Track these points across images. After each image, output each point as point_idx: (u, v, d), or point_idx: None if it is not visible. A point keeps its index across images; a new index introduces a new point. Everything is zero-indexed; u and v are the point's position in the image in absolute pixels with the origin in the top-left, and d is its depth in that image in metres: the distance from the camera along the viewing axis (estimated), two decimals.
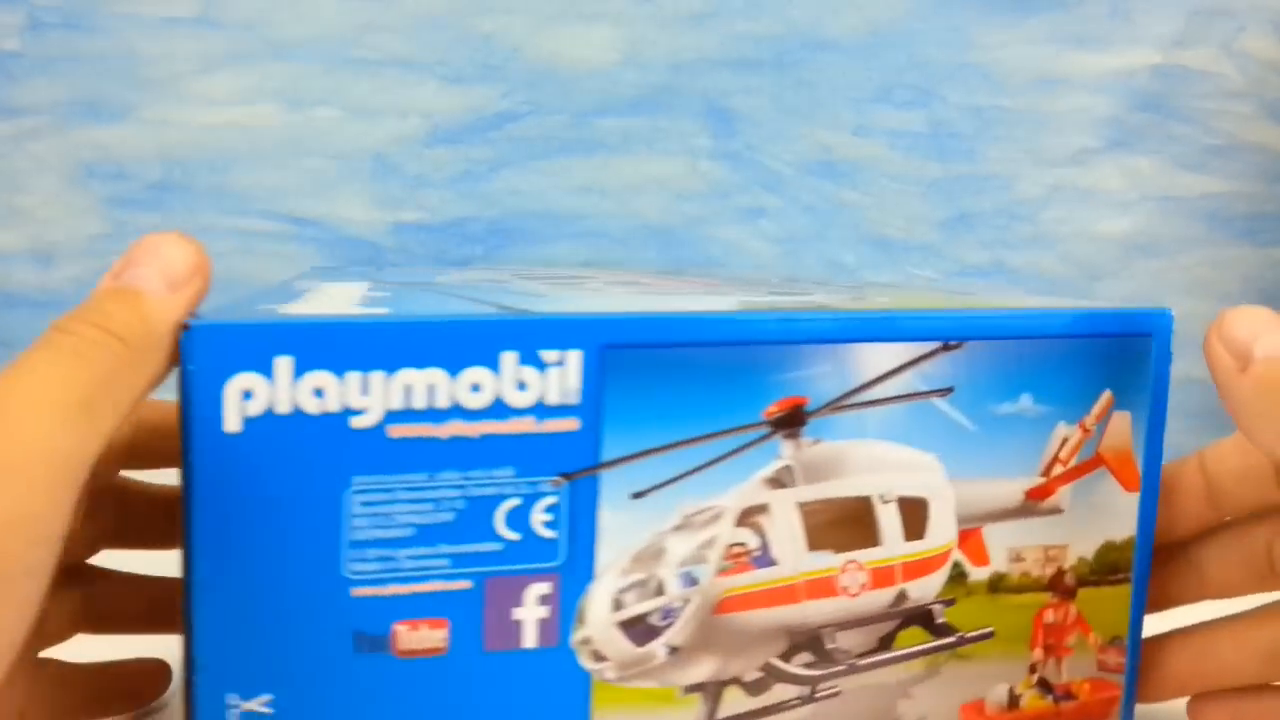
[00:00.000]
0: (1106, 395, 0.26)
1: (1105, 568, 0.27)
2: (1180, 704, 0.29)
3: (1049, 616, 0.27)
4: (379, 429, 0.22)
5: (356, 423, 0.21)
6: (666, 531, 0.24)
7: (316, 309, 0.24)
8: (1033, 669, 0.27)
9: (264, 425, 0.21)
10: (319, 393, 0.21)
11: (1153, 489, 0.27)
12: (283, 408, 0.21)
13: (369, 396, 0.21)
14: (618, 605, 0.23)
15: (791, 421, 0.24)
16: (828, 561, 0.25)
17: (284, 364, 0.21)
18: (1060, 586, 0.27)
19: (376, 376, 0.21)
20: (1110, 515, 0.27)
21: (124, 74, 0.57)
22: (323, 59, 0.56)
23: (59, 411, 0.18)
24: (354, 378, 0.21)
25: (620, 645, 0.23)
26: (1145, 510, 0.27)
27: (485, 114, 0.57)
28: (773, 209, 0.59)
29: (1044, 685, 0.27)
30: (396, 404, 0.22)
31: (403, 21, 0.56)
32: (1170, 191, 0.58)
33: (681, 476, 0.23)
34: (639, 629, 0.23)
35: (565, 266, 0.54)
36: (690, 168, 0.58)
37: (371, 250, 0.59)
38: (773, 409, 0.24)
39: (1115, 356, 0.27)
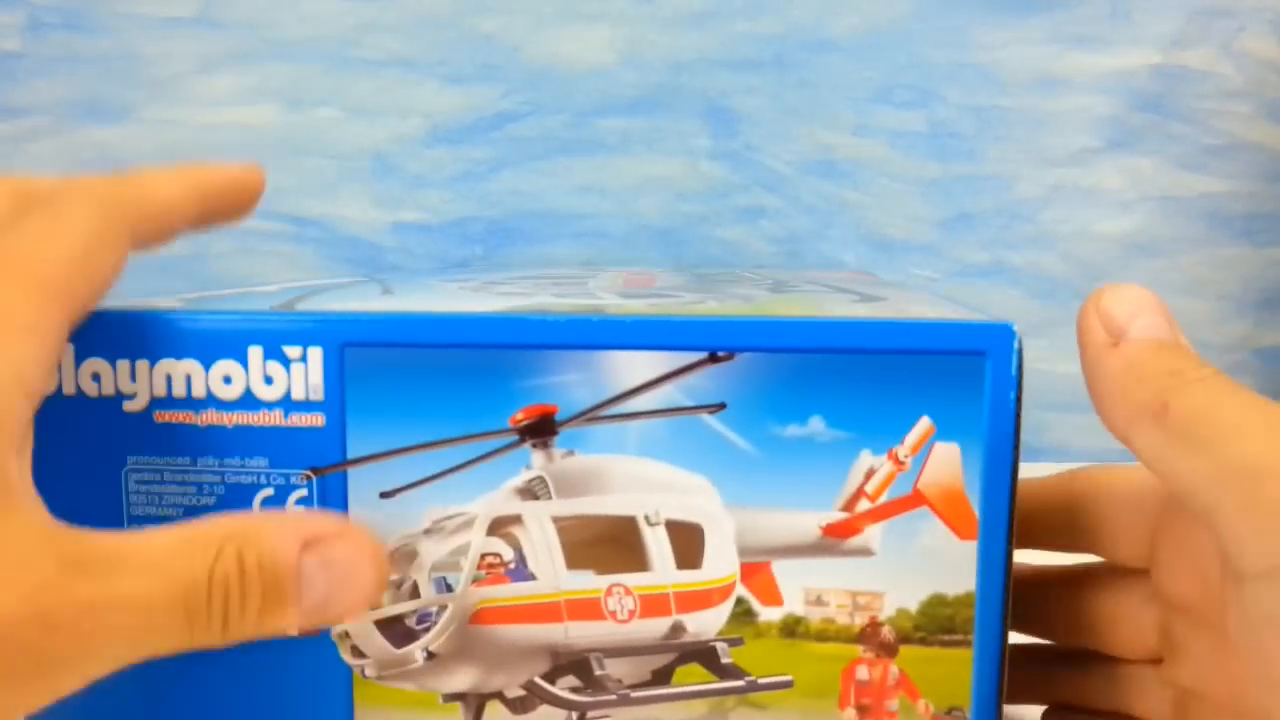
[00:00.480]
0: (924, 423, 0.23)
1: (935, 625, 0.23)
2: None
3: (861, 673, 0.24)
4: (147, 413, 0.23)
5: (128, 407, 0.23)
6: (418, 534, 0.23)
7: (125, 303, 0.25)
8: None
9: (53, 406, 0.23)
10: (96, 378, 0.23)
11: (997, 537, 0.23)
12: (68, 389, 0.23)
13: (136, 383, 0.23)
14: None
15: (540, 430, 0.23)
16: (590, 582, 0.23)
17: (67, 350, 0.23)
18: (875, 640, 0.23)
19: (142, 365, 0.23)
20: (938, 564, 0.23)
21: (124, 74, 0.57)
22: (323, 59, 0.56)
23: None
24: (124, 365, 0.23)
25: (378, 644, 0.23)
26: (989, 562, 0.23)
27: (485, 114, 0.57)
28: (773, 209, 0.59)
29: None
30: (160, 391, 0.23)
31: (403, 21, 0.56)
32: (1170, 191, 0.58)
33: (429, 479, 0.23)
34: (396, 630, 0.23)
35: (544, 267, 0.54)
36: (690, 168, 0.58)
37: (371, 250, 0.59)
38: (519, 416, 0.23)
39: (937, 377, 0.23)
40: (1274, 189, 0.58)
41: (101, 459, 0.23)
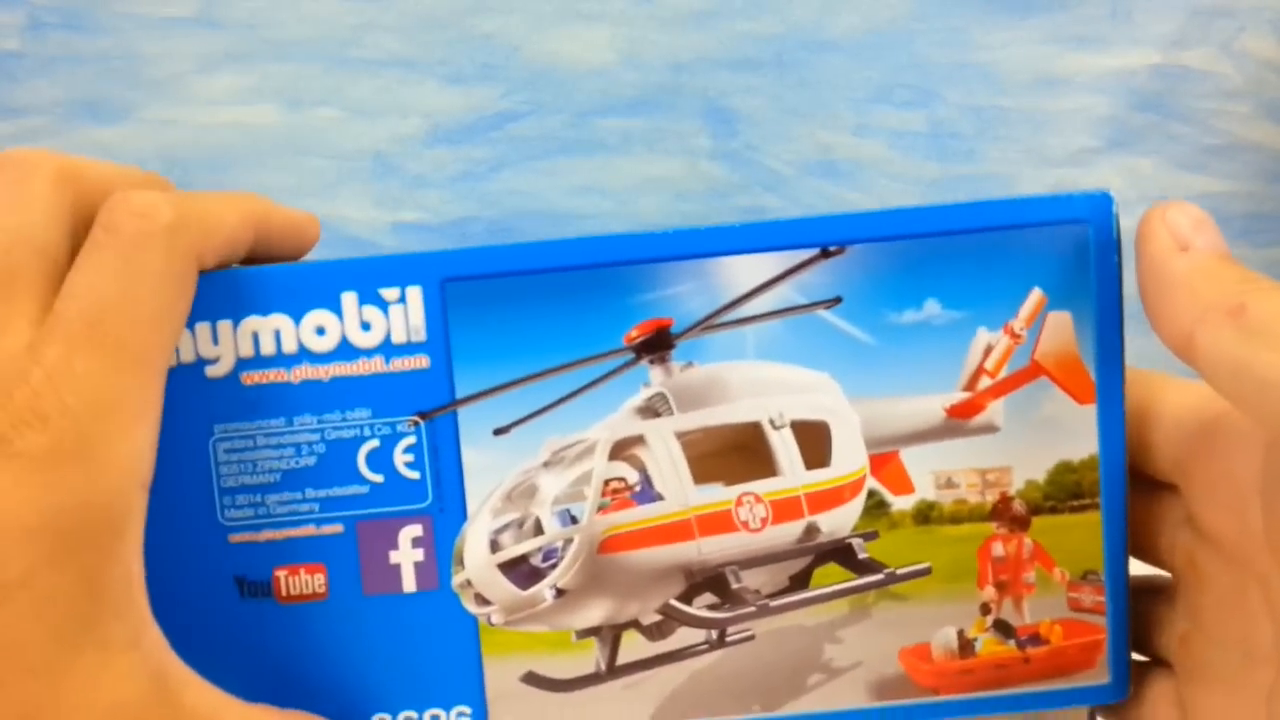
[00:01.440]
0: (1036, 294, 0.23)
1: (1063, 492, 0.23)
2: None
3: (997, 550, 0.24)
4: (233, 377, 0.22)
5: (211, 372, 0.22)
6: (536, 468, 0.23)
7: None
8: (985, 610, 0.24)
9: None
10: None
11: (1114, 399, 0.23)
12: None
13: (219, 346, 0.22)
14: (495, 546, 0.23)
15: (657, 345, 0.23)
16: (719, 495, 0.23)
17: None
18: (1007, 515, 0.24)
19: (224, 326, 0.22)
20: (1061, 432, 0.23)
21: (124, 74, 0.57)
22: (323, 59, 0.56)
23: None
24: (203, 329, 0.22)
25: (503, 588, 0.23)
26: (1108, 424, 0.23)
27: (485, 114, 0.57)
28: (773, 209, 0.59)
29: (1002, 628, 0.24)
30: (246, 351, 0.22)
31: (403, 21, 0.56)
32: (1170, 191, 0.58)
33: (544, 410, 0.23)
34: (521, 571, 0.23)
35: None
36: (690, 168, 0.58)
37: (372, 250, 0.59)
38: (634, 333, 0.23)
39: (1043, 250, 0.23)
40: (1274, 189, 0.58)
41: (185, 431, 0.22)
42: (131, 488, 0.18)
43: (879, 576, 0.23)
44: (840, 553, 0.23)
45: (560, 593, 0.23)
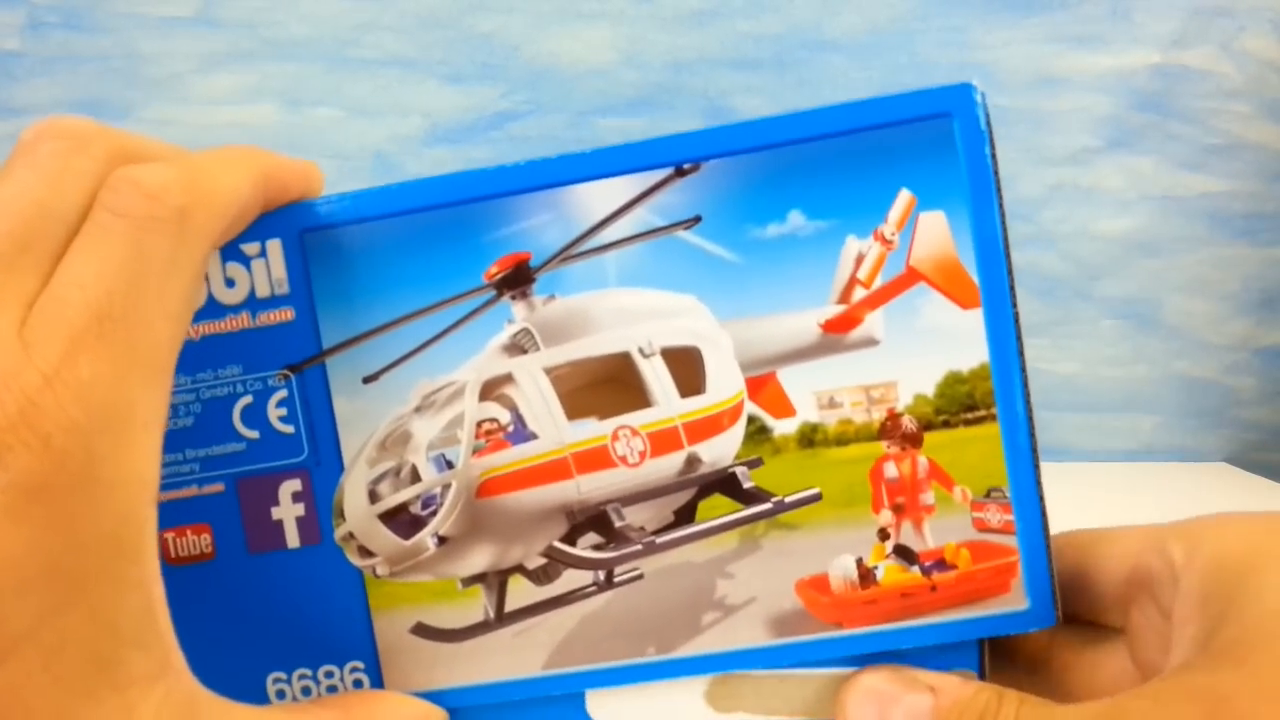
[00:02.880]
0: (905, 196, 0.22)
1: (956, 405, 0.22)
2: None
3: (890, 470, 0.22)
4: None
5: None
6: (408, 414, 0.22)
7: None
8: (884, 535, 0.22)
9: None
10: None
11: (1000, 301, 0.22)
12: None
13: None
14: (374, 497, 0.22)
15: (516, 280, 0.22)
16: (594, 430, 0.22)
17: None
18: (897, 433, 0.22)
19: None
20: (948, 340, 0.22)
21: (124, 74, 0.57)
22: (323, 59, 0.56)
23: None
24: None
25: (386, 539, 0.22)
26: (997, 328, 0.21)
27: (485, 113, 0.57)
28: None
29: (904, 554, 0.22)
30: None
31: (403, 21, 0.56)
32: (1170, 191, 0.58)
33: (411, 354, 0.22)
34: (402, 520, 0.22)
35: None
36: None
37: None
38: (493, 269, 0.22)
39: (908, 149, 0.22)
40: (1274, 189, 0.58)
41: None
42: (143, 506, 0.16)
43: (767, 506, 0.22)
44: (725, 483, 0.22)
45: (442, 540, 0.22)
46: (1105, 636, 0.23)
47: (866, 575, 0.22)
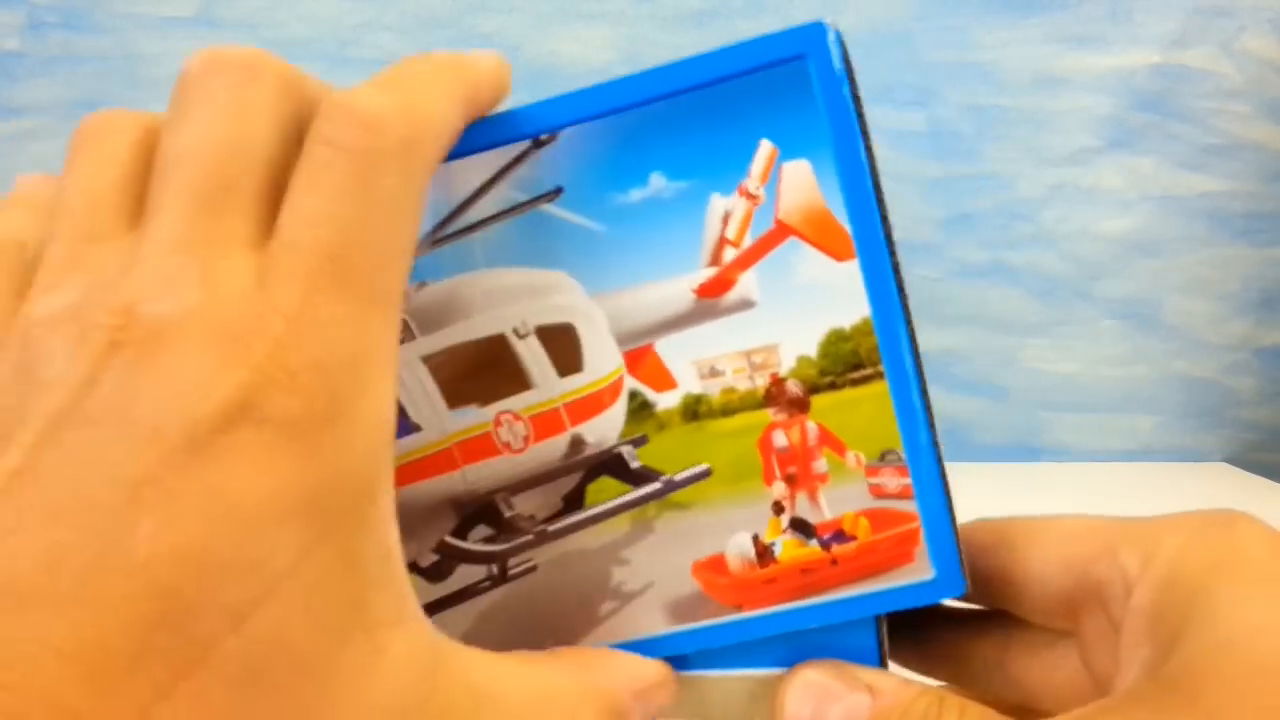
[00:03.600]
0: (765, 147, 0.20)
1: (840, 364, 0.20)
2: None
3: (779, 439, 0.21)
4: None
5: None
6: None
7: None
8: (778, 508, 0.21)
9: None
10: None
11: (875, 249, 0.20)
12: None
13: None
14: None
15: None
16: (476, 417, 0.21)
17: None
18: (783, 399, 0.20)
19: None
20: (826, 296, 0.20)
21: (124, 74, 0.57)
22: (323, 59, 0.56)
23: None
24: None
25: None
26: (876, 279, 0.20)
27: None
28: None
29: (801, 527, 0.21)
30: None
31: (402, 21, 0.56)
32: (1170, 191, 0.58)
33: None
34: None
35: None
36: None
37: None
38: None
39: (763, 97, 0.21)
40: (1274, 189, 0.58)
41: None
42: (383, 446, 0.16)
43: (656, 485, 0.21)
44: (611, 464, 0.21)
45: None
46: (1060, 639, 0.22)
47: (764, 553, 0.21)
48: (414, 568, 0.22)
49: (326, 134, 0.16)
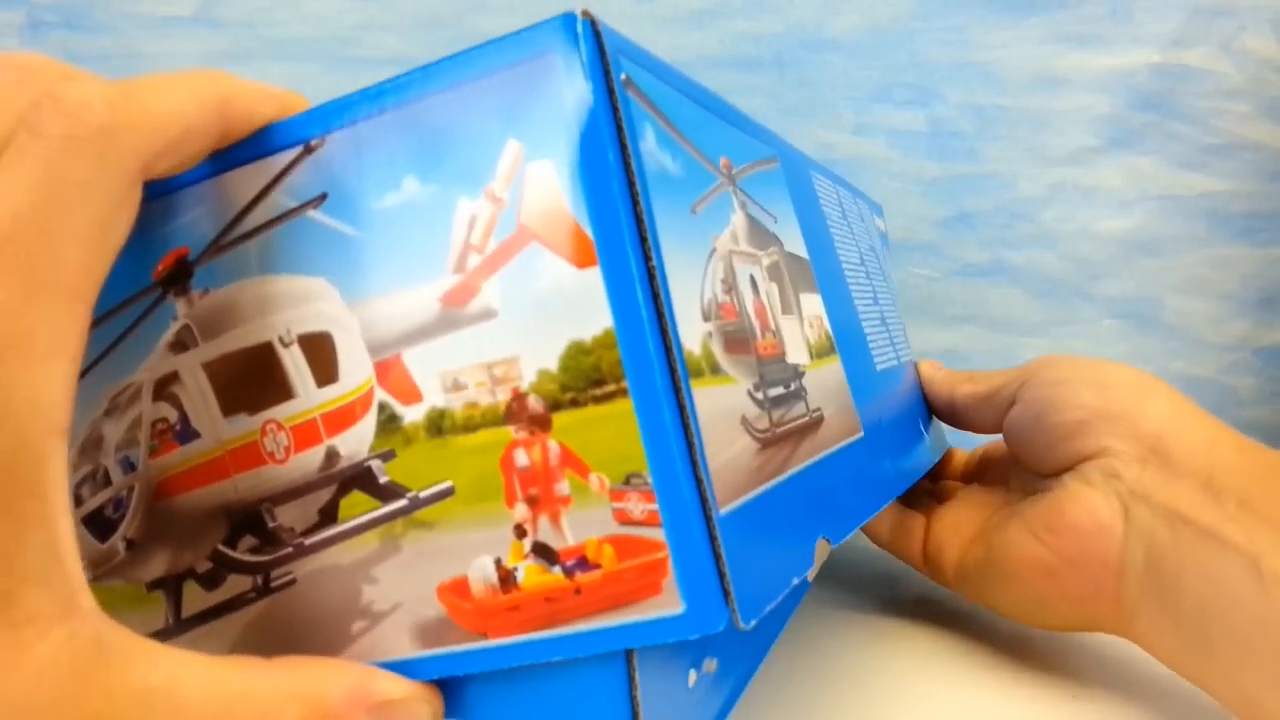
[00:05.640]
0: (511, 147, 0.19)
1: (582, 379, 0.19)
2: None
3: (520, 458, 0.19)
4: None
5: None
6: (100, 418, 0.22)
7: None
8: (520, 532, 0.19)
9: None
10: None
11: (619, 256, 0.18)
12: None
13: None
14: (78, 501, 0.22)
15: (178, 276, 0.21)
16: (246, 425, 0.21)
17: None
18: (524, 415, 0.19)
19: None
20: (567, 306, 0.19)
21: (124, 74, 0.57)
22: (323, 58, 0.56)
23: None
24: None
25: (88, 542, 0.22)
26: (619, 288, 0.18)
27: None
28: None
29: (543, 553, 0.19)
30: None
31: (402, 21, 0.56)
32: (1170, 190, 0.58)
33: (98, 360, 0.22)
34: (100, 524, 0.22)
35: None
36: None
37: None
38: (159, 268, 0.21)
39: (512, 95, 0.19)
40: (1274, 188, 0.58)
41: None
42: (40, 437, 0.15)
43: (402, 502, 0.20)
44: (362, 478, 0.20)
45: (130, 544, 0.21)
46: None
47: (507, 578, 0.19)
48: (191, 574, 0.21)
49: (30, 121, 0.16)
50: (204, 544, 0.21)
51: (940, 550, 0.35)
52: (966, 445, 0.44)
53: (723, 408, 0.20)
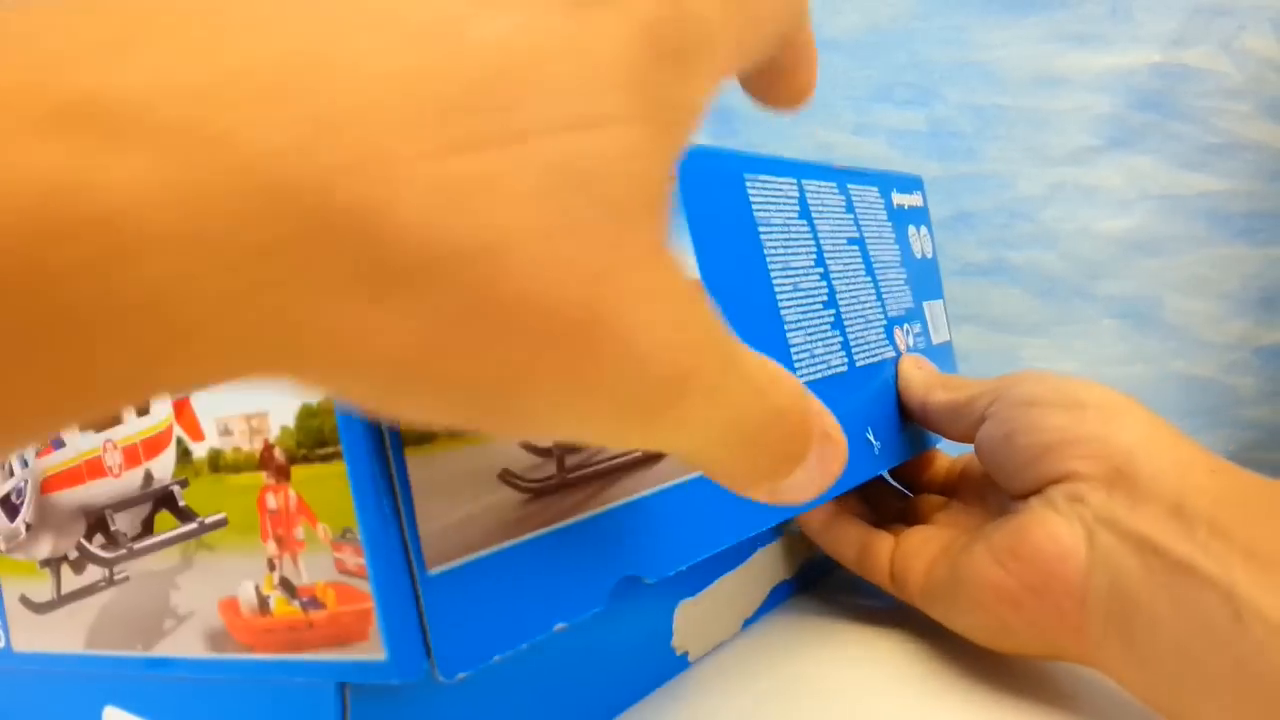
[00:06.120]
0: None
1: (311, 439, 0.21)
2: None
3: (271, 501, 0.22)
4: None
5: None
6: None
7: None
8: (271, 565, 0.22)
9: None
10: None
11: None
12: None
13: None
14: None
15: None
16: (94, 441, 0.25)
17: None
18: (273, 464, 0.21)
19: None
20: None
21: None
22: None
23: None
24: None
25: (2, 521, 0.26)
26: None
27: None
28: None
29: (287, 587, 0.22)
30: None
31: None
32: (1170, 190, 0.58)
33: None
34: (9, 507, 0.26)
35: None
36: None
37: None
38: None
39: None
40: (1274, 188, 0.58)
41: None
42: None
43: (193, 525, 0.23)
44: (168, 500, 0.23)
45: (29, 527, 0.26)
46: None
47: (263, 603, 0.22)
48: (66, 559, 0.25)
49: None
50: (72, 536, 0.25)
51: (906, 567, 0.34)
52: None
53: (478, 466, 0.21)
